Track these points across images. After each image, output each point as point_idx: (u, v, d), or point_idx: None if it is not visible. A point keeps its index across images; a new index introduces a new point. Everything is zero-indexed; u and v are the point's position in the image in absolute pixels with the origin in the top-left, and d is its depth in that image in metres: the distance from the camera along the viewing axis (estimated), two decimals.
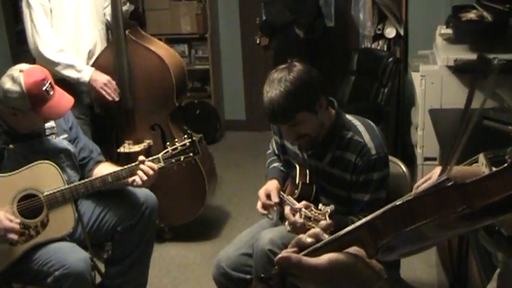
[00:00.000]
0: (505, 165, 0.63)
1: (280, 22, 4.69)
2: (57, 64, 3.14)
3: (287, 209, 2.11)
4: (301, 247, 0.82)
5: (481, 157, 1.60)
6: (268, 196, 2.29)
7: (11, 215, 2.25)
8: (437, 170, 1.91)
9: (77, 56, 3.30)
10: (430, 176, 1.86)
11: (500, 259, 0.81)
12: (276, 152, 2.51)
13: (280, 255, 0.79)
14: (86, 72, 3.23)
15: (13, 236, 2.22)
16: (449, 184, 0.65)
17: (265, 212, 2.29)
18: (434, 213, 0.64)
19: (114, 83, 3.28)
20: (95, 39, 3.40)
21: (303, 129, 2.13)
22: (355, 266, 0.77)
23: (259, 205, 2.30)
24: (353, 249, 0.78)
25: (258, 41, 4.85)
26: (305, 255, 0.79)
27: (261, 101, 2.12)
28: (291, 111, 2.06)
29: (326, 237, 0.82)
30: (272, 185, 2.34)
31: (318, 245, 0.79)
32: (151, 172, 2.42)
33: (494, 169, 0.64)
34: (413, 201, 0.67)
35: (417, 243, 0.73)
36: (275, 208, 2.33)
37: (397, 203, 0.68)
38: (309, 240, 0.82)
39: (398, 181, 2.39)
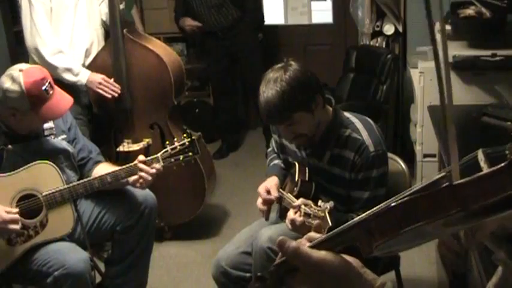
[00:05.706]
0: (502, 164, 0.60)
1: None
2: (55, 67, 3.13)
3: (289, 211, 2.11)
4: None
5: (480, 153, 1.60)
6: (268, 192, 2.28)
7: (8, 208, 2.24)
8: None
9: (74, 55, 3.29)
10: None
11: (500, 258, 0.80)
12: (276, 150, 2.51)
13: (282, 237, 0.79)
14: (82, 75, 3.23)
15: (14, 227, 2.21)
16: (444, 186, 0.63)
17: (265, 208, 2.29)
18: (427, 216, 0.63)
19: (110, 80, 3.26)
20: (91, 37, 3.39)
21: (299, 129, 2.12)
22: (348, 273, 0.76)
23: (259, 201, 2.29)
24: (350, 258, 0.78)
25: None
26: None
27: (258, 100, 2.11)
28: (287, 111, 2.05)
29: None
30: (272, 182, 2.33)
31: (316, 241, 0.79)
32: (154, 174, 2.42)
33: (492, 166, 0.62)
34: (406, 204, 0.65)
35: (415, 240, 0.72)
36: (276, 203, 2.32)
37: (392, 204, 0.67)
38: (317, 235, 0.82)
39: (398, 178, 2.39)
